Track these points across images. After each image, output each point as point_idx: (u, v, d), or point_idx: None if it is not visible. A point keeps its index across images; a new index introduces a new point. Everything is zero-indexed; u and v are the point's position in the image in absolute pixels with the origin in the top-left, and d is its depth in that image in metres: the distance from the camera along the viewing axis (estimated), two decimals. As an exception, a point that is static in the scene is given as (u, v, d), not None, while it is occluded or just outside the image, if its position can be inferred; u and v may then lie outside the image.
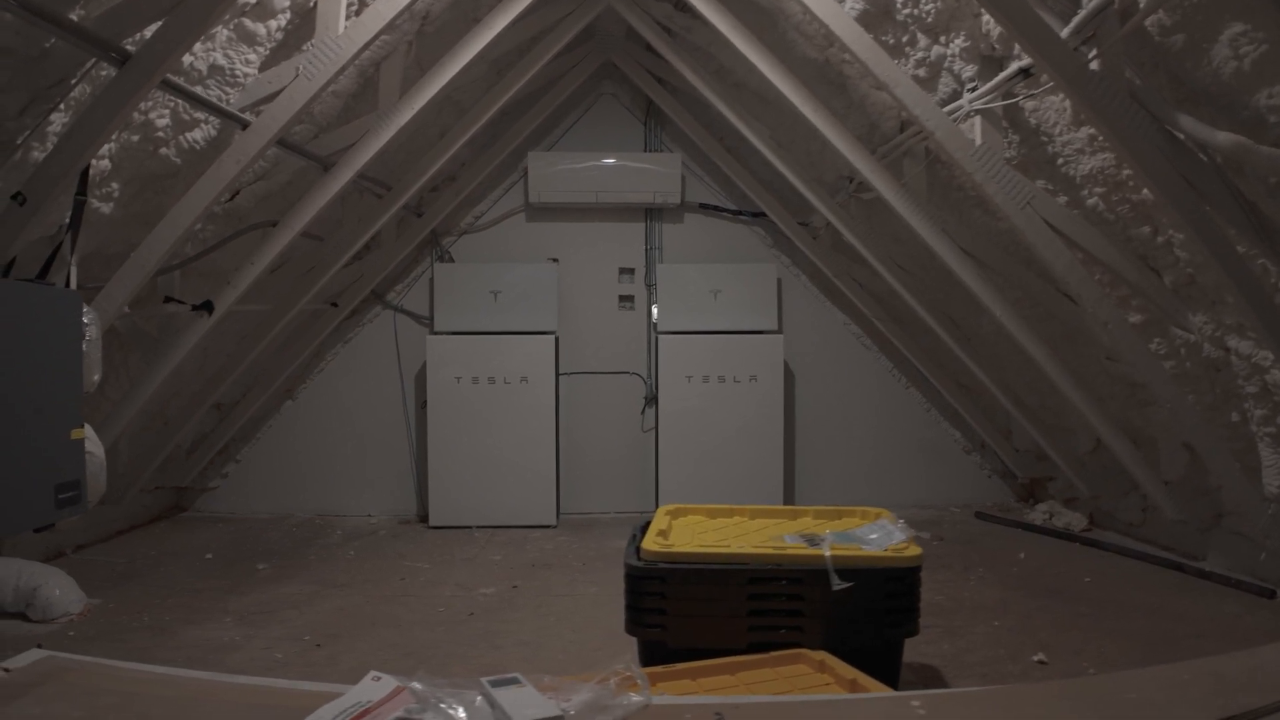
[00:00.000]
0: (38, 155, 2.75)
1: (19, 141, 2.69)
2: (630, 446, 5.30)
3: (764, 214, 5.15)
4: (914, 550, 2.43)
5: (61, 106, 2.71)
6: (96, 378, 2.78)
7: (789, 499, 5.07)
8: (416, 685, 1.23)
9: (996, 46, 3.20)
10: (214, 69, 3.08)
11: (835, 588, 2.31)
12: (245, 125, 3.09)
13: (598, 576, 3.98)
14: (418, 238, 5.06)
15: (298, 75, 3.05)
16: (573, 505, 5.22)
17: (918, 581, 2.44)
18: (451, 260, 5.26)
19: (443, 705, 1.24)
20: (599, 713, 1.27)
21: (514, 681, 1.32)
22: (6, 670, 1.21)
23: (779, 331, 5.10)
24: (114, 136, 2.94)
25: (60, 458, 2.42)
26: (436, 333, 5.01)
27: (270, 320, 4.47)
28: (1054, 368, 3.92)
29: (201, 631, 3.25)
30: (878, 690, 1.80)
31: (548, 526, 4.92)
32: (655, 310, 5.22)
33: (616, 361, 5.32)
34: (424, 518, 5.08)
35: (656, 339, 5.15)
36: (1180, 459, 3.89)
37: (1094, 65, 2.66)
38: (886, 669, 2.30)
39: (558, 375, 5.00)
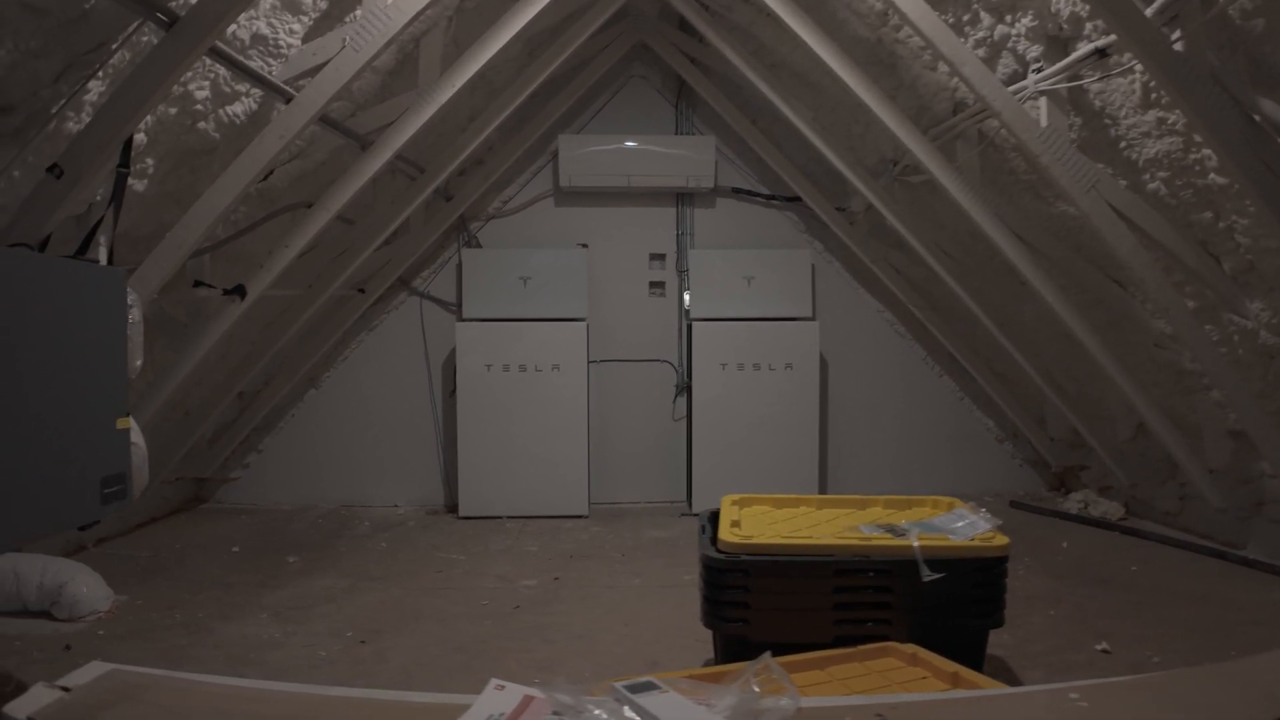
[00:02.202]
0: (73, 126, 2.60)
1: (54, 111, 2.54)
2: (661, 436, 5.21)
3: (798, 199, 5.05)
4: (1001, 540, 2.38)
5: (100, 74, 2.55)
6: (139, 363, 2.63)
7: (822, 488, 5.01)
8: (562, 697, 1.16)
9: (1065, 26, 3.11)
10: (257, 38, 2.93)
11: (926, 579, 2.26)
12: (289, 98, 2.95)
13: (639, 567, 3.90)
14: (446, 223, 4.92)
15: (344, 46, 2.90)
16: (603, 495, 5.13)
17: (1005, 571, 2.39)
18: (479, 246, 5.12)
19: (595, 713, 1.16)
20: (751, 718, 1.19)
21: (652, 687, 1.25)
22: (66, 690, 1.03)
23: (813, 319, 5.01)
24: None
25: (105, 449, 2.29)
26: (465, 319, 4.88)
27: (298, 306, 4.33)
28: (1103, 354, 3.87)
29: (238, 628, 3.13)
30: (986, 684, 1.73)
31: (580, 516, 4.82)
32: (687, 297, 5.11)
33: (647, 349, 5.21)
34: (452, 508, 4.97)
35: (689, 326, 5.05)
36: (1226, 447, 3.86)
37: (1177, 46, 2.59)
38: (970, 660, 2.24)
39: (589, 363, 4.89)
